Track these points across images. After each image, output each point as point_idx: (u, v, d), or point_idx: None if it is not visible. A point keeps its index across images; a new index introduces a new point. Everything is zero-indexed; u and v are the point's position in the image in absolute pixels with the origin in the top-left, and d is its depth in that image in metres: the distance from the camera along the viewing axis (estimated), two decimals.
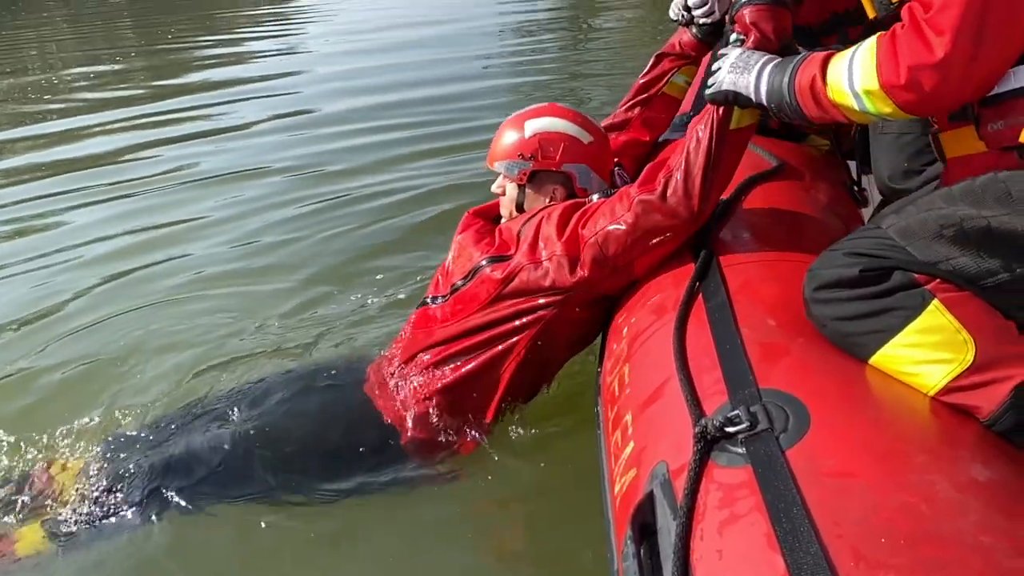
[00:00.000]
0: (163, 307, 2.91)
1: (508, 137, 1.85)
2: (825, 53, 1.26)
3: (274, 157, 4.61)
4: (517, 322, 1.66)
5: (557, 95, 5.54)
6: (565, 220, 1.65)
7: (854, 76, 1.18)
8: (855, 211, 1.73)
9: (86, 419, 2.10)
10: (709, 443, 1.01)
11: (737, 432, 1.01)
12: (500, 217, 1.92)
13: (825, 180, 1.76)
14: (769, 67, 1.34)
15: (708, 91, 1.43)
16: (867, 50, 1.17)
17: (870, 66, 1.16)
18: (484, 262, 1.72)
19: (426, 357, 1.78)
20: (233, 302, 2.92)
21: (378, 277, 2.90)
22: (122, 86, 7.40)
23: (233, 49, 9.02)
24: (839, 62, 1.22)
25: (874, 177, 1.58)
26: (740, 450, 0.99)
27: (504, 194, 1.88)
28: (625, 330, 1.42)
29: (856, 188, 1.79)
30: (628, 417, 1.21)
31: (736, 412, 1.02)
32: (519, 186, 1.83)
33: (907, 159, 1.58)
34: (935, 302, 1.11)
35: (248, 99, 6.25)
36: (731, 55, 1.40)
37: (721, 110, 1.43)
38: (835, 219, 1.61)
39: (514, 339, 1.67)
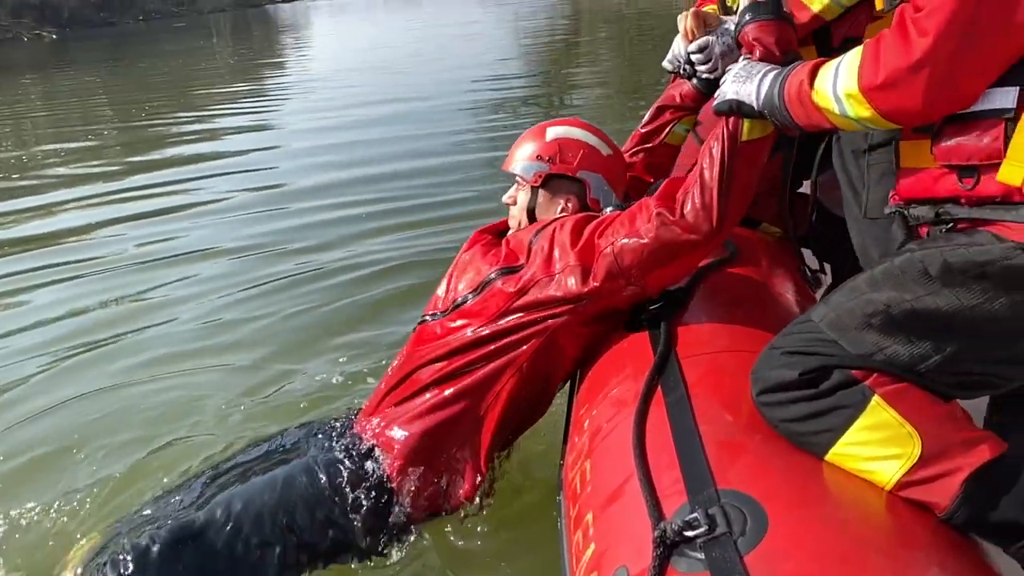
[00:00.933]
0: (122, 388, 2.87)
1: (528, 140, 1.88)
2: (818, 60, 1.28)
3: (243, 233, 4.62)
4: (522, 333, 1.63)
5: None
6: (579, 229, 1.64)
7: (839, 79, 1.19)
8: (810, 296, 1.76)
9: (38, 511, 2.04)
10: (668, 548, 1.00)
11: (696, 536, 0.99)
12: (506, 231, 1.91)
13: (779, 265, 1.79)
14: (770, 75, 1.35)
15: (715, 103, 1.44)
16: (855, 53, 1.18)
17: (854, 68, 1.16)
18: (494, 275, 1.70)
19: (424, 375, 1.72)
20: (196, 380, 2.89)
21: (341, 360, 2.87)
22: (95, 162, 7.43)
23: (207, 125, 9.11)
24: (828, 67, 1.23)
25: (861, 262, 1.59)
26: (699, 555, 0.98)
27: (515, 203, 1.88)
28: (587, 423, 1.41)
29: (810, 272, 1.82)
30: (589, 517, 1.19)
31: (695, 515, 1.01)
32: (533, 188, 1.84)
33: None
34: (876, 398, 1.11)
35: (220, 175, 6.29)
36: (735, 67, 1.42)
37: (731, 124, 1.44)
38: (790, 305, 1.63)
39: (518, 351, 1.63)
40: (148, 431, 2.53)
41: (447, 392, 1.68)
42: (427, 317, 1.84)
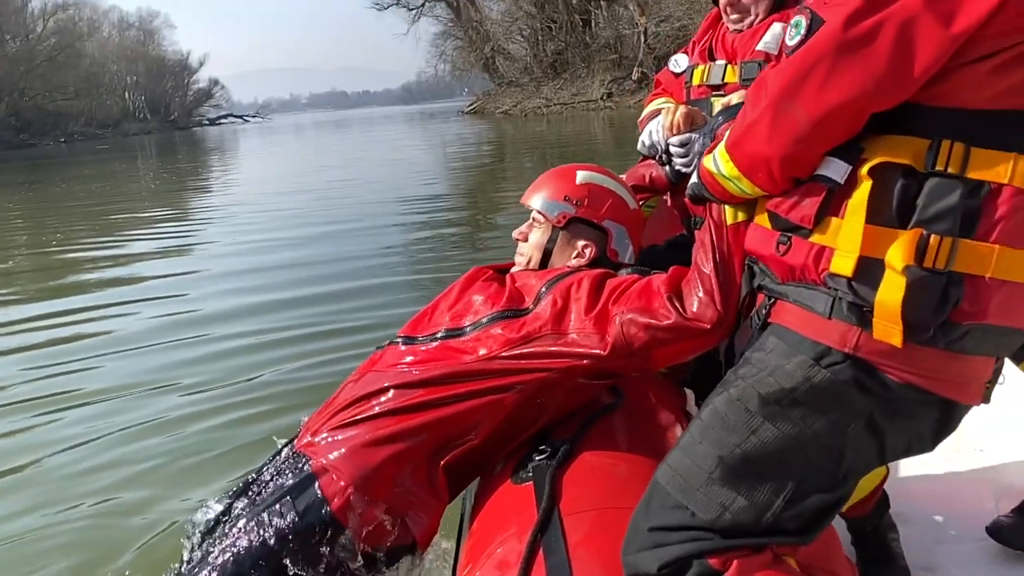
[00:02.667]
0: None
1: (556, 179, 1.84)
2: None
3: (140, 366, 4.46)
4: (513, 378, 1.57)
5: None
6: (596, 292, 1.60)
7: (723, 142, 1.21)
8: None
9: None
10: None
11: None
12: (507, 270, 1.84)
13: (665, 407, 1.78)
14: None
15: (687, 190, 1.44)
16: None
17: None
18: (494, 315, 1.64)
19: (392, 397, 1.61)
20: (69, 527, 2.75)
21: None
22: (3, 291, 7.17)
23: (124, 251, 8.89)
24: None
25: None
26: None
27: (526, 240, 1.84)
28: None
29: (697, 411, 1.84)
30: None
31: None
32: (553, 228, 1.80)
33: None
34: None
35: (131, 302, 6.10)
36: None
37: (715, 213, 1.44)
38: None
39: (504, 395, 1.57)
40: None
41: (417, 421, 1.58)
42: (399, 339, 1.75)
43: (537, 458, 1.55)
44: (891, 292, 0.98)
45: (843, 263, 1.03)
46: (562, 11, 37.39)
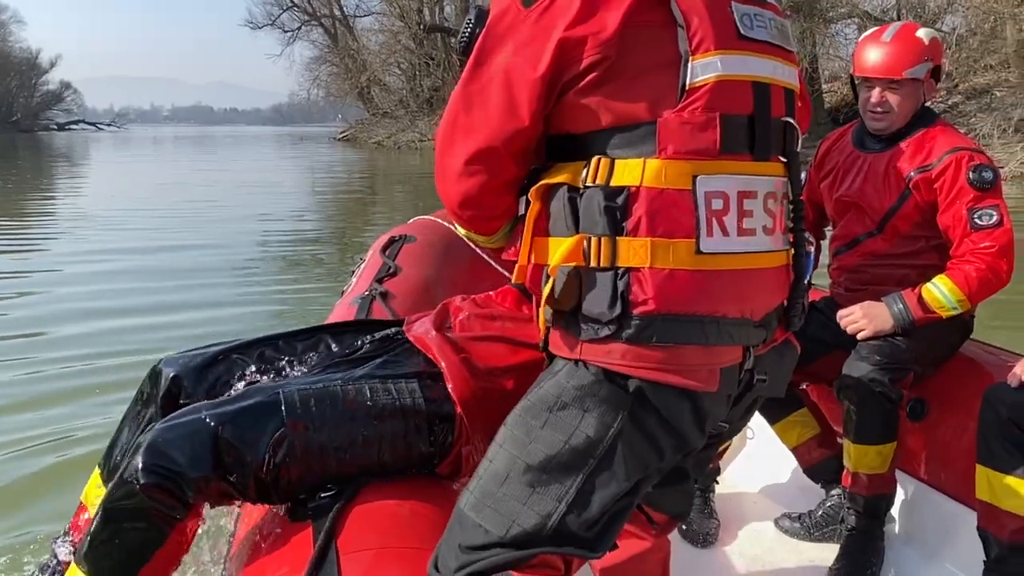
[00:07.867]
0: None
1: None
2: None
3: None
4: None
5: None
6: None
7: None
8: None
9: None
10: None
11: None
12: None
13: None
14: None
15: None
16: None
17: None
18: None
19: (504, 323, 1.65)
20: None
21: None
22: None
23: None
24: None
25: None
26: None
27: None
28: None
29: None
30: None
31: None
32: None
33: None
34: None
35: None
36: None
37: None
38: None
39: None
40: None
41: (525, 358, 1.56)
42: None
43: (322, 495, 1.52)
44: (547, 289, 1.12)
45: (529, 272, 1.18)
46: (440, 49, 37.78)
